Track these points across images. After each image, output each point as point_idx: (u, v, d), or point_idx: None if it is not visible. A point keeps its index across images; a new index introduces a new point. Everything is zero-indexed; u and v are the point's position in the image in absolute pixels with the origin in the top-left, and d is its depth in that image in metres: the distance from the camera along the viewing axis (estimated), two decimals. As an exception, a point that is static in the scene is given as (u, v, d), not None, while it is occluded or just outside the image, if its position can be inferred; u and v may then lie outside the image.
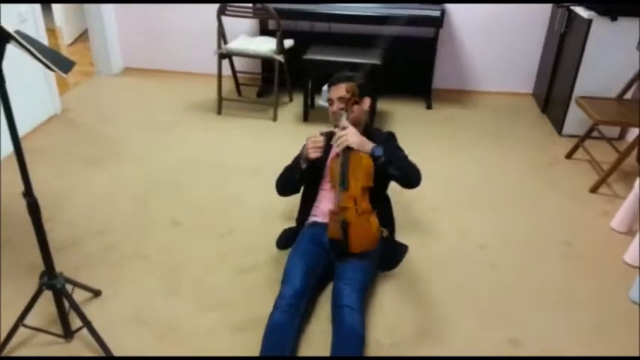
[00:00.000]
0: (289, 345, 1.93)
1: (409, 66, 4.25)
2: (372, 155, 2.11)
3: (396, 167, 2.16)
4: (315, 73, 3.79)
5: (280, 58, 3.75)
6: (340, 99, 2.31)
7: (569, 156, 3.45)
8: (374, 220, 2.12)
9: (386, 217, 2.51)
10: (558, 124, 3.80)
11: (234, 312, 2.15)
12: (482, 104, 4.35)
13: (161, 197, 2.93)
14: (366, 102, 2.41)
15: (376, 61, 3.63)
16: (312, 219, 2.43)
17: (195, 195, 2.96)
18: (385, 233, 2.30)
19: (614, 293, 2.31)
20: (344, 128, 2.13)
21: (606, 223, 2.79)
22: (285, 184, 2.47)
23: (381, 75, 3.71)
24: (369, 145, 2.13)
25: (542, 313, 2.20)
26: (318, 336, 2.04)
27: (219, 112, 3.97)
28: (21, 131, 3.44)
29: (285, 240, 2.51)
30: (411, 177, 2.23)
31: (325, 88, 4.19)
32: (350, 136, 2.10)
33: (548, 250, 2.58)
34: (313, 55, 3.71)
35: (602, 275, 2.42)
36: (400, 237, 2.61)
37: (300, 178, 2.38)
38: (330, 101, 2.42)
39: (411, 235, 2.65)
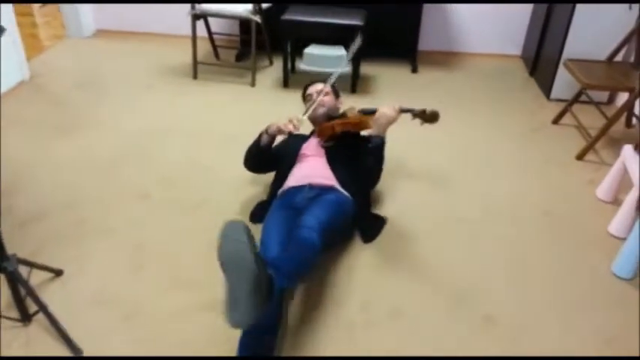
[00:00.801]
0: (273, 320, 1.80)
1: (394, 27, 4.07)
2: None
3: (376, 159, 2.33)
4: (293, 34, 3.62)
5: (257, 18, 3.56)
6: (319, 91, 2.56)
7: (556, 121, 3.34)
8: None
9: (363, 189, 2.43)
10: (546, 88, 3.67)
11: (202, 291, 2.07)
12: (469, 67, 4.20)
13: (131, 167, 2.81)
14: (341, 100, 2.72)
15: (358, 22, 3.46)
16: (284, 187, 2.35)
17: (166, 165, 2.84)
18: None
19: (596, 266, 2.24)
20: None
21: (592, 191, 2.71)
22: (249, 158, 2.50)
23: (363, 36, 3.53)
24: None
25: (520, 287, 2.13)
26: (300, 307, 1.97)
27: (194, 77, 3.81)
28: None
29: (259, 214, 2.42)
30: (377, 174, 2.38)
31: (307, 50, 4.05)
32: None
33: (530, 220, 2.50)
34: (292, 16, 3.53)
35: (585, 247, 2.35)
36: (379, 207, 2.53)
37: (260, 153, 2.44)
38: (310, 96, 2.61)
39: (390, 205, 2.56)
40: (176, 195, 2.61)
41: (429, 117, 2.38)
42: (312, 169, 2.38)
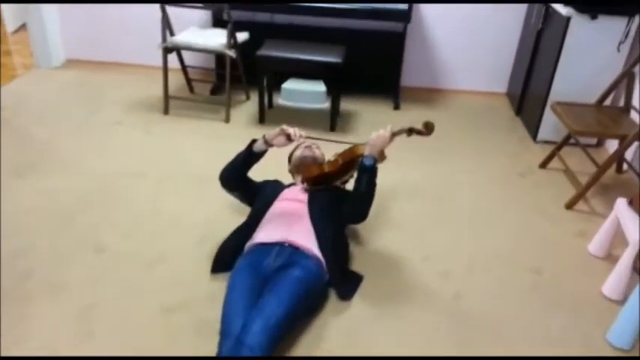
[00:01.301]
0: None
1: (376, 62, 3.93)
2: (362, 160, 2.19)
3: (368, 182, 2.18)
4: (269, 70, 3.47)
5: (231, 53, 3.40)
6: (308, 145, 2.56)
7: (543, 165, 3.19)
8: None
9: (341, 247, 2.26)
10: (533, 129, 3.54)
11: (154, 362, 1.85)
12: (453, 104, 4.06)
13: (90, 215, 2.59)
14: None
15: (336, 60, 3.31)
16: (254, 240, 2.17)
17: (127, 213, 2.63)
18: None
19: (589, 333, 2.06)
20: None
21: (583, 245, 2.54)
22: (229, 168, 2.35)
23: (341, 74, 3.40)
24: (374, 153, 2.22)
25: (506, 354, 1.94)
26: None
27: (165, 112, 3.62)
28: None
29: (221, 262, 2.24)
30: (370, 201, 2.22)
31: (285, 85, 3.89)
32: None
33: (517, 278, 2.32)
34: (268, 51, 3.37)
35: (577, 310, 2.17)
36: (356, 261, 2.34)
37: (245, 163, 2.31)
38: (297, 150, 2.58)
39: (368, 260, 2.37)
40: (134, 248, 2.39)
41: (424, 129, 2.29)
42: (289, 219, 2.20)
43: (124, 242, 2.43)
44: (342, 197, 2.34)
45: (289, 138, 2.22)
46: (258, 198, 2.38)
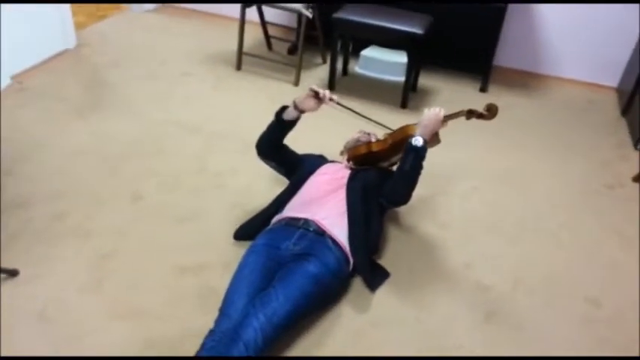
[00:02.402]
0: None
1: (467, 33, 3.52)
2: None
3: (413, 163, 2.00)
4: (344, 35, 3.26)
5: (308, 13, 3.22)
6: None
7: (637, 179, 2.74)
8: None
9: (373, 233, 2.08)
10: (636, 134, 3.05)
11: (148, 325, 1.81)
12: (552, 94, 3.61)
13: (136, 162, 2.61)
14: None
15: (417, 30, 3.02)
16: (283, 213, 2.07)
17: (172, 165, 2.61)
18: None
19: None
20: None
21: (659, 280, 2.16)
22: (263, 137, 2.18)
23: (422, 46, 3.11)
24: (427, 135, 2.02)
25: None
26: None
27: (238, 68, 3.55)
28: (19, 66, 3.26)
29: (245, 230, 2.16)
30: (413, 184, 2.03)
31: (364, 53, 3.66)
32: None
33: (568, 306, 2.01)
34: (344, 15, 3.14)
35: (633, 353, 1.84)
36: (389, 253, 2.15)
37: (278, 131, 2.14)
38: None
39: (402, 253, 2.17)
40: (170, 201, 2.38)
41: (486, 112, 2.13)
42: (322, 194, 2.06)
43: (161, 194, 2.42)
44: (387, 178, 2.14)
45: (318, 98, 2.03)
46: (298, 171, 2.25)
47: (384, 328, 1.87)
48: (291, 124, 2.12)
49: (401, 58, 3.56)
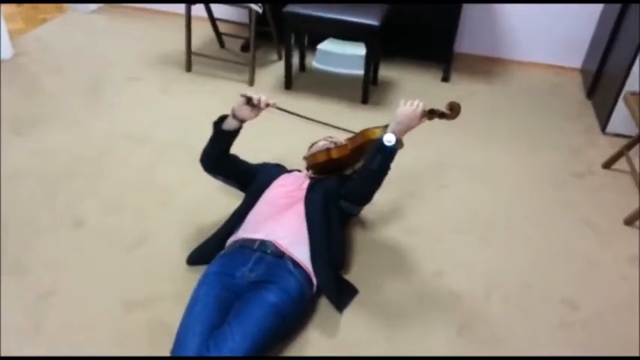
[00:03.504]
0: None
1: (425, 21, 3.38)
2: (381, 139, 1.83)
3: (381, 164, 1.85)
4: (297, 29, 3.09)
5: (257, 7, 3.03)
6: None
7: (607, 165, 2.66)
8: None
9: (337, 247, 1.93)
10: (603, 117, 2.97)
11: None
12: (515, 79, 3.51)
13: (77, 183, 2.40)
14: None
15: (373, 22, 2.86)
16: (237, 234, 1.91)
17: (118, 182, 2.42)
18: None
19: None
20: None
21: (635, 276, 2.07)
22: (206, 150, 2.01)
23: (379, 39, 2.96)
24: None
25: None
26: None
27: (188, 69, 3.35)
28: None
29: (198, 255, 1.99)
30: (378, 185, 1.90)
31: (320, 46, 3.49)
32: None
33: (544, 310, 1.91)
34: (296, 8, 2.97)
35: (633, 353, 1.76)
36: (355, 265, 2.01)
37: (219, 142, 1.96)
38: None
39: (368, 264, 2.04)
40: (114, 224, 2.19)
41: (449, 112, 2.03)
42: (280, 209, 1.91)
43: (105, 217, 2.23)
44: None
45: (253, 105, 1.84)
46: (253, 183, 2.08)
47: (354, 351, 1.74)
48: (233, 134, 1.94)
49: (359, 50, 3.41)
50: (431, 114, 1.97)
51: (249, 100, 1.84)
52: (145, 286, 1.92)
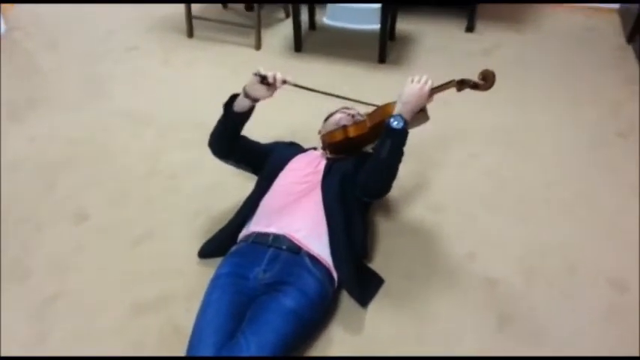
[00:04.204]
0: None
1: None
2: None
3: (391, 149, 1.63)
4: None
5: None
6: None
7: (654, 121, 2.41)
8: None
9: (358, 235, 1.76)
10: (647, 65, 2.69)
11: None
12: (545, 25, 3.21)
13: (78, 170, 2.26)
14: None
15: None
16: (250, 226, 1.74)
17: (121, 169, 2.26)
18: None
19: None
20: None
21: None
22: (214, 134, 1.81)
23: None
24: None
25: None
26: None
27: (189, 35, 3.12)
28: None
29: (211, 247, 1.85)
30: (392, 174, 1.66)
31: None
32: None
33: (590, 295, 1.73)
34: (302, -38, 2.70)
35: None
36: (380, 260, 1.85)
37: (230, 126, 1.77)
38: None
39: (395, 255, 1.87)
40: (120, 218, 2.04)
41: (481, 82, 1.78)
42: (295, 198, 1.73)
43: (109, 210, 2.08)
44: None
45: (268, 84, 1.65)
46: (265, 166, 1.90)
47: (382, 350, 1.60)
48: (245, 115, 1.75)
49: (373, 4, 3.13)
50: (461, 85, 1.74)
51: (263, 79, 1.64)
52: (155, 285, 1.79)
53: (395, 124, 1.62)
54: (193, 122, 2.47)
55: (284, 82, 1.66)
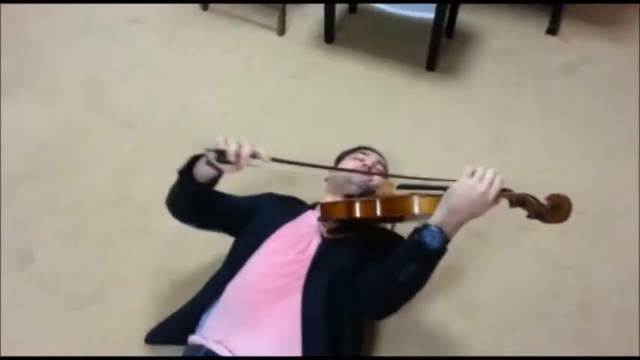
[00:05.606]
0: None
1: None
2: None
3: (416, 274, 1.14)
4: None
5: None
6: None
7: None
8: None
9: (347, 349, 1.30)
10: None
11: None
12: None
13: (36, 187, 1.87)
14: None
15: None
16: (203, 329, 1.32)
17: (84, 192, 1.86)
18: None
19: None
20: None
21: None
22: (173, 193, 1.38)
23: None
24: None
25: None
26: None
27: (204, 8, 2.59)
28: None
29: (160, 334, 1.45)
30: (407, 298, 1.21)
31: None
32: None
33: None
34: None
35: None
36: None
37: (187, 193, 1.34)
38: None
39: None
40: (67, 266, 1.66)
41: (547, 211, 1.13)
42: (267, 303, 1.28)
43: (58, 251, 1.71)
44: (373, 257, 1.30)
45: (228, 162, 1.18)
46: (245, 231, 1.46)
47: None
48: (210, 183, 1.30)
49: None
50: (516, 203, 1.15)
51: (221, 155, 1.16)
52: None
53: (429, 240, 1.10)
54: (182, 129, 2.02)
55: (254, 156, 1.16)
